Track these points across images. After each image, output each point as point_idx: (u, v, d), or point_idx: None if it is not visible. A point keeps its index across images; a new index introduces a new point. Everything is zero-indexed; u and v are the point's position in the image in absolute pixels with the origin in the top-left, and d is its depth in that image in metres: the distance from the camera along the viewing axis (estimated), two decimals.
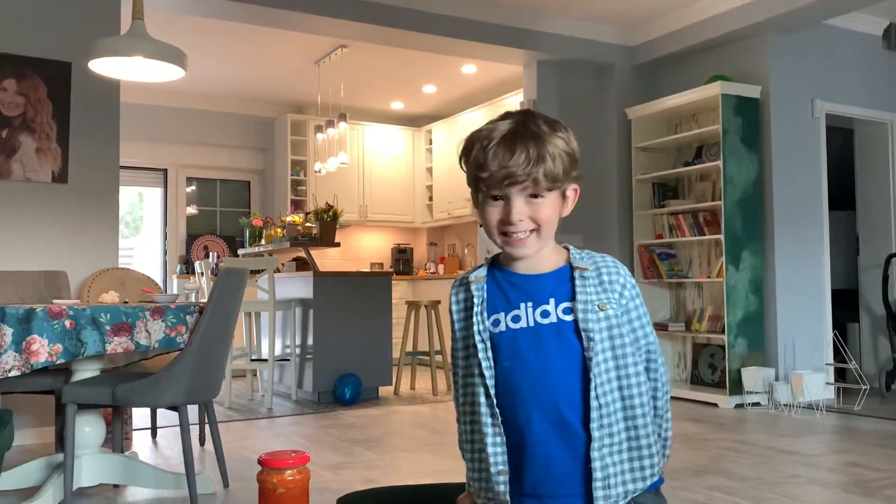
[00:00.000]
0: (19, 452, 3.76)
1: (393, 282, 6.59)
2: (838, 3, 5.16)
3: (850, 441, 4.18)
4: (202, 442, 4.08)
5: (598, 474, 1.24)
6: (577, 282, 1.30)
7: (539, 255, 1.32)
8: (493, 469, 1.27)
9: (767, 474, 3.40)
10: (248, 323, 6.11)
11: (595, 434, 1.24)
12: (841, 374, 5.88)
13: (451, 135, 8.56)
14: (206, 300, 3.10)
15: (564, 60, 6.27)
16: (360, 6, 5.33)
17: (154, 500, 3.06)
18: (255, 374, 6.18)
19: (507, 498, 1.27)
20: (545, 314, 1.28)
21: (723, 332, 5.40)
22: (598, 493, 1.24)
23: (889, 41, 6.12)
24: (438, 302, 6.18)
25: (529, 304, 1.30)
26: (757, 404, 5.29)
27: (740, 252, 5.39)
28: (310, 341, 5.66)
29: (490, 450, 1.27)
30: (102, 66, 3.57)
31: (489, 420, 1.28)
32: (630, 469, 1.27)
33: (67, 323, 2.76)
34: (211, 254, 8.13)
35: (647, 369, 1.34)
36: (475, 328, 1.30)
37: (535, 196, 1.27)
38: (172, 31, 5.82)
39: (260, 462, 2.45)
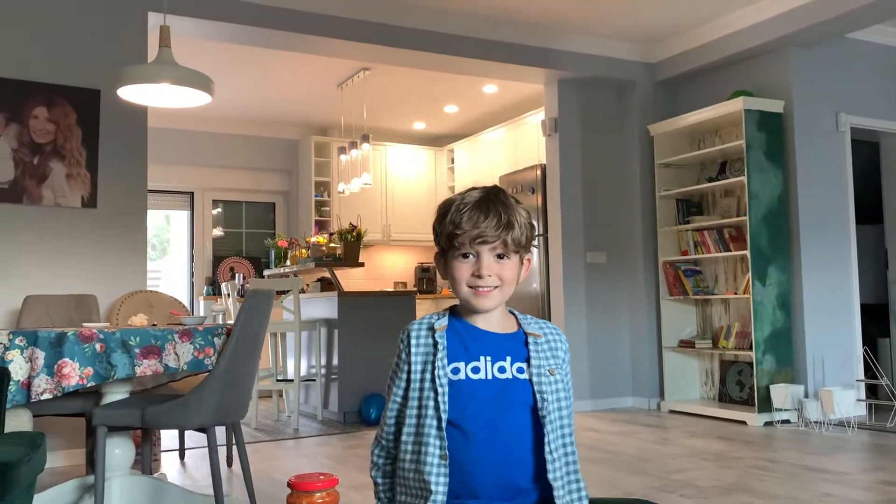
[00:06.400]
0: (50, 475, 3.81)
1: (417, 301, 6.61)
2: (860, 16, 5.12)
3: (882, 458, 4.12)
4: (230, 463, 4.11)
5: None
6: (532, 347, 1.44)
7: (496, 316, 1.46)
8: (434, 497, 1.35)
9: (798, 493, 3.35)
10: (274, 343, 6.15)
11: (554, 482, 1.37)
12: (872, 391, 5.79)
13: (473, 154, 8.59)
14: (233, 322, 3.14)
15: (585, 78, 6.29)
16: (381, 29, 5.39)
17: None
18: (280, 395, 6.21)
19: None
20: (502, 370, 1.41)
21: (750, 348, 5.35)
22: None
23: None
24: None
25: (488, 357, 1.41)
26: (786, 422, 5.22)
27: (766, 267, 5.35)
28: (335, 361, 5.68)
29: (433, 479, 1.35)
30: (131, 93, 3.65)
31: (437, 454, 1.36)
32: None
33: (98, 346, 2.80)
34: (237, 275, 8.21)
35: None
36: (437, 372, 1.39)
37: (501, 256, 1.42)
38: (198, 56, 5.93)
39: (289, 485, 2.46)
